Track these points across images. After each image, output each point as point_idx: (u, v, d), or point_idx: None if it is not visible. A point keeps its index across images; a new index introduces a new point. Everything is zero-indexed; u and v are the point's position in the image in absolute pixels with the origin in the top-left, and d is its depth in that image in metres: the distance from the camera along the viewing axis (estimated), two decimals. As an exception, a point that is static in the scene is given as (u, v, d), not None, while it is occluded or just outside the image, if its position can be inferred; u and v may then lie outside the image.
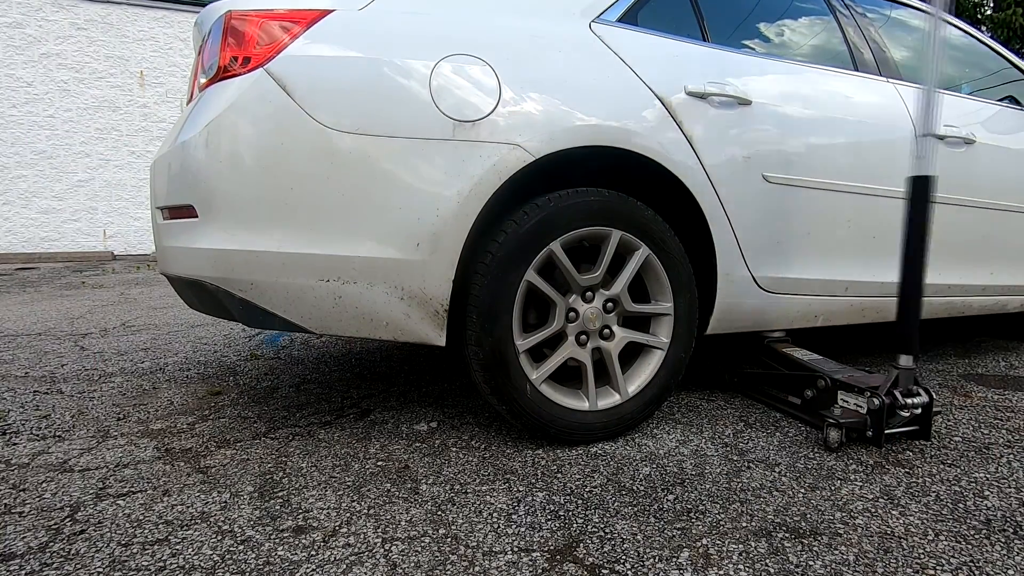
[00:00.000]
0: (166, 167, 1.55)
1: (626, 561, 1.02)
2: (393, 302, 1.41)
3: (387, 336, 1.44)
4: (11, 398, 1.99)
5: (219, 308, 1.45)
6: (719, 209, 1.69)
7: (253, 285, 1.37)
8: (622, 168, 1.68)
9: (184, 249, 1.44)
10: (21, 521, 1.17)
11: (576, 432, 1.54)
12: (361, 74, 1.37)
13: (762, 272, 1.81)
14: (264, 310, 1.39)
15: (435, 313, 1.43)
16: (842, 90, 1.98)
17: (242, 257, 1.35)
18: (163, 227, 1.58)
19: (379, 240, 1.38)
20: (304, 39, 1.36)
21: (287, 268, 1.36)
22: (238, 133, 1.34)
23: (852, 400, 1.58)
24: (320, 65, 1.35)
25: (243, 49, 1.38)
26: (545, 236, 1.47)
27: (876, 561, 1.03)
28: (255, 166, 1.34)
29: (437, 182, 1.38)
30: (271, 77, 1.34)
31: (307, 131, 1.33)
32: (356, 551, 1.05)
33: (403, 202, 1.37)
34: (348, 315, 1.40)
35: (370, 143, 1.36)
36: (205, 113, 1.38)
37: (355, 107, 1.35)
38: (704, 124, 1.66)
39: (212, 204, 1.36)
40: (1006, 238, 2.35)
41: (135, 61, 10.65)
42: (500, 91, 1.43)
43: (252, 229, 1.35)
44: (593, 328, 1.57)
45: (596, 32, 1.60)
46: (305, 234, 1.36)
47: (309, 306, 1.39)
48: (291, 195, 1.35)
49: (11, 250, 10.09)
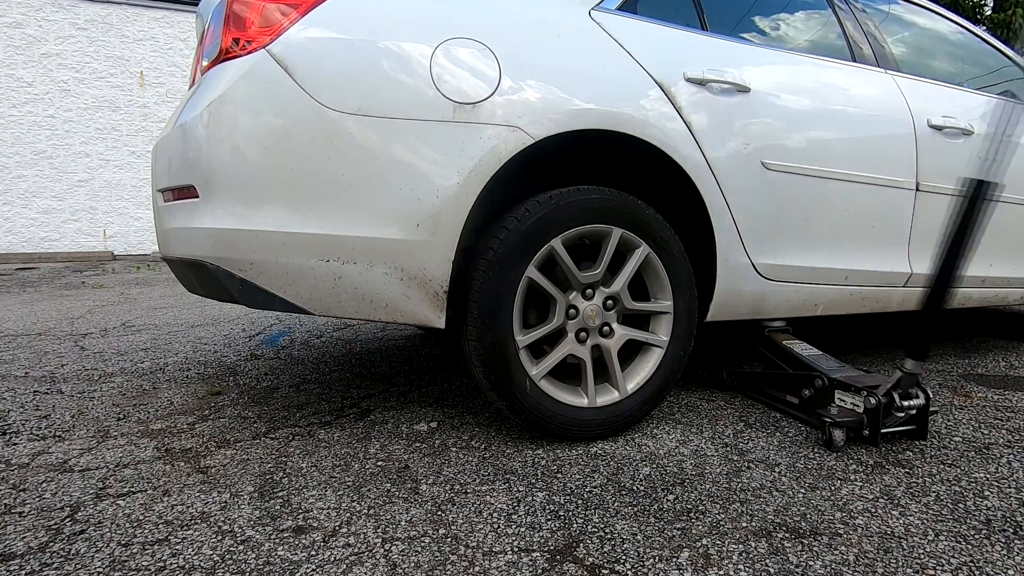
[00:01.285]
0: (167, 148, 1.55)
1: (626, 561, 1.02)
2: (393, 283, 1.41)
3: (386, 318, 1.44)
4: (11, 398, 1.99)
5: (219, 289, 1.45)
6: (718, 195, 1.70)
7: (253, 265, 1.37)
8: (620, 151, 1.69)
9: (185, 229, 1.45)
10: (21, 521, 1.17)
11: (575, 429, 1.55)
12: (362, 56, 1.37)
13: (761, 259, 1.82)
14: (264, 290, 1.39)
15: (434, 295, 1.44)
16: (841, 81, 1.99)
17: (242, 236, 1.35)
18: (164, 209, 1.59)
19: (379, 220, 1.38)
20: (305, 21, 1.37)
21: (287, 248, 1.36)
22: (239, 113, 1.34)
23: (849, 399, 1.58)
24: (321, 46, 1.36)
25: (245, 31, 1.39)
26: (546, 233, 1.48)
27: (876, 561, 1.03)
28: (256, 146, 1.34)
29: (437, 163, 1.39)
30: (272, 58, 1.34)
31: (308, 112, 1.34)
32: (356, 551, 1.05)
33: (403, 183, 1.38)
34: (347, 296, 1.41)
35: (371, 124, 1.36)
36: (207, 94, 1.38)
37: (356, 88, 1.36)
38: (703, 111, 1.68)
39: (213, 184, 1.37)
40: (1005, 230, 2.36)
41: (135, 61, 10.65)
42: (500, 75, 1.44)
43: (252, 208, 1.35)
44: (593, 325, 1.57)
45: (596, 19, 1.62)
46: (305, 214, 1.36)
47: (309, 286, 1.39)
48: (292, 175, 1.35)
49: (11, 250, 10.09)
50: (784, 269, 1.87)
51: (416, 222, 1.39)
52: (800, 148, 1.85)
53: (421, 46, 1.40)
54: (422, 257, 1.40)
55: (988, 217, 1.47)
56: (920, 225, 2.13)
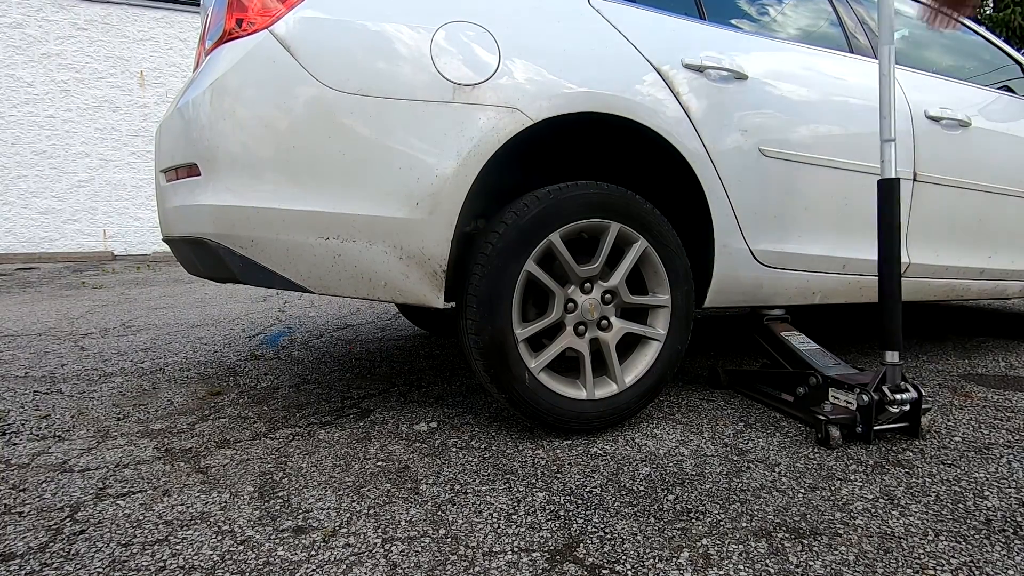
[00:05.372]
0: (171, 128, 1.57)
1: (626, 561, 1.02)
2: (392, 261, 1.42)
3: (385, 296, 1.45)
4: (11, 398, 1.99)
5: (220, 267, 1.46)
6: (716, 181, 1.71)
7: (254, 242, 1.38)
8: (617, 138, 1.70)
9: (187, 207, 1.46)
10: (21, 521, 1.17)
11: (574, 421, 1.56)
12: (364, 37, 1.39)
13: (759, 245, 1.83)
14: (263, 268, 1.40)
15: (433, 274, 1.45)
16: (838, 70, 2.01)
17: (244, 214, 1.37)
18: (167, 189, 1.60)
19: (379, 199, 1.40)
20: (308, 2, 1.39)
21: (288, 225, 1.37)
22: (242, 92, 1.35)
23: (843, 397, 1.59)
24: (324, 27, 1.38)
25: (247, 13, 1.40)
26: (545, 227, 1.49)
27: (876, 561, 1.03)
28: (258, 125, 1.35)
29: (436, 143, 1.40)
30: (275, 39, 1.36)
31: (310, 91, 1.36)
32: (356, 551, 1.05)
33: (402, 162, 1.39)
34: (347, 274, 1.42)
35: (371, 104, 1.38)
36: (210, 74, 1.40)
37: (357, 69, 1.38)
38: (700, 96, 1.69)
39: (215, 162, 1.38)
40: (1004, 222, 2.36)
41: (135, 61, 10.65)
42: (500, 57, 1.46)
43: (254, 186, 1.37)
44: (591, 319, 1.59)
45: (594, 6, 1.64)
46: (306, 191, 1.37)
47: (308, 264, 1.40)
48: (293, 153, 1.36)
49: (11, 250, 10.09)
50: (782, 256, 1.88)
51: (415, 201, 1.40)
52: (798, 136, 1.86)
53: (422, 28, 1.42)
54: (421, 235, 1.42)
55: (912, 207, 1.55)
56: (918, 215, 2.14)
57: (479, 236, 1.51)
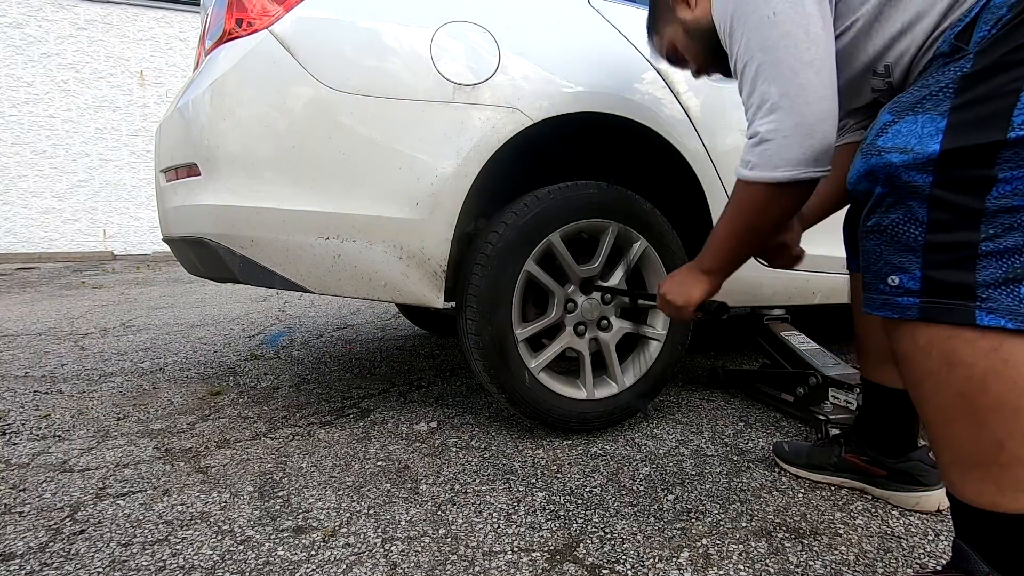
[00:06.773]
0: (171, 128, 1.57)
1: (626, 561, 1.02)
2: (392, 261, 1.42)
3: (385, 296, 1.45)
4: (11, 398, 1.99)
5: (220, 267, 1.46)
6: (716, 180, 1.71)
7: (254, 242, 1.38)
8: (617, 137, 1.70)
9: (187, 207, 1.46)
10: (21, 521, 1.17)
11: (573, 421, 1.56)
12: (364, 37, 1.39)
13: None
14: (263, 268, 1.40)
15: (433, 274, 1.45)
16: None
17: (244, 214, 1.37)
18: (167, 189, 1.60)
19: (379, 199, 1.40)
20: (308, 2, 1.39)
21: (288, 225, 1.37)
22: (242, 92, 1.35)
23: (843, 397, 1.59)
24: (324, 27, 1.38)
25: (247, 12, 1.40)
26: (545, 228, 1.49)
27: (876, 561, 1.03)
28: (258, 124, 1.36)
29: (436, 143, 1.40)
30: (275, 38, 1.36)
31: (310, 91, 1.36)
32: (356, 551, 1.05)
33: (403, 162, 1.40)
34: (347, 274, 1.42)
35: (372, 104, 1.38)
36: (210, 74, 1.40)
37: (357, 69, 1.38)
38: (700, 95, 1.69)
39: (215, 162, 1.38)
40: None
41: (135, 61, 10.65)
42: (500, 57, 1.46)
43: (254, 186, 1.37)
44: (591, 319, 1.59)
45: (594, 6, 1.64)
46: (306, 192, 1.38)
47: (308, 264, 1.40)
48: (293, 153, 1.36)
49: (11, 250, 10.09)
50: None
51: (415, 200, 1.40)
52: None
53: (422, 28, 1.42)
54: (421, 235, 1.42)
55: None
56: None
57: (479, 236, 1.52)
